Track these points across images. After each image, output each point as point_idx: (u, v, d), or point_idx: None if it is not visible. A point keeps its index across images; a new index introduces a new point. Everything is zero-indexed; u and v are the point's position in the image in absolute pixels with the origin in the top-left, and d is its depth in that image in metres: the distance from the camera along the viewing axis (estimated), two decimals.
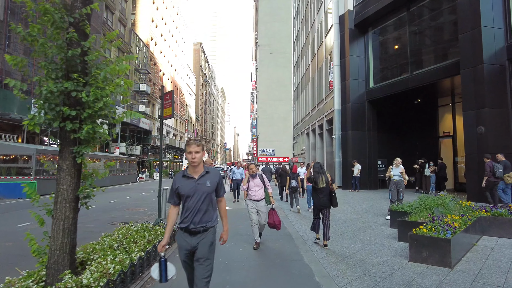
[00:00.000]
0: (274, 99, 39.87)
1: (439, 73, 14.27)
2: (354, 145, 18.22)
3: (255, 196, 6.18)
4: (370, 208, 10.97)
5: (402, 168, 9.01)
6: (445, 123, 17.98)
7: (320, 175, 6.09)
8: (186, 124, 69.22)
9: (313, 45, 27.35)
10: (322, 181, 6.00)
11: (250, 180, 6.29)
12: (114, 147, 32.16)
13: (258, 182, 6.26)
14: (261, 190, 6.23)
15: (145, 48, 45.53)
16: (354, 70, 18.64)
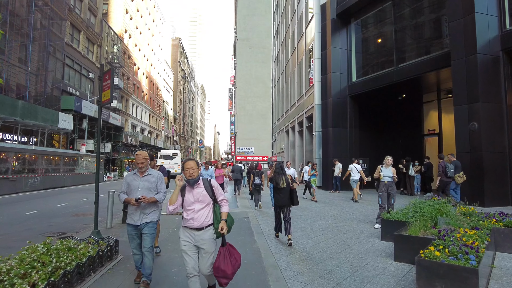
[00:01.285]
0: (253, 95, 38.46)
1: (427, 65, 13.24)
2: (335, 143, 17.05)
3: (193, 222, 3.31)
4: (354, 212, 9.72)
5: (393, 168, 7.77)
6: (430, 121, 17.09)
7: (280, 176, 6.28)
8: (162, 121, 66.80)
9: (293, 38, 26.11)
10: (283, 182, 6.19)
11: (185, 191, 3.41)
12: (81, 143, 29.88)
13: (201, 195, 3.38)
14: (205, 210, 3.35)
15: (119, 41, 43.13)
16: (336, 63, 17.46)
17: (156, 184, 4.12)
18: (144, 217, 4.00)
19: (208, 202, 3.37)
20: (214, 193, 3.42)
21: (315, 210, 10.13)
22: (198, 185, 3.39)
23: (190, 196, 3.34)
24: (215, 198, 3.43)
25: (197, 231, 3.29)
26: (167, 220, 8.45)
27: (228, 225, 3.40)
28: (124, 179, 4.21)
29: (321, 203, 11.92)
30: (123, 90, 43.85)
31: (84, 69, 33.80)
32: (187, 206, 3.33)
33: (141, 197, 3.86)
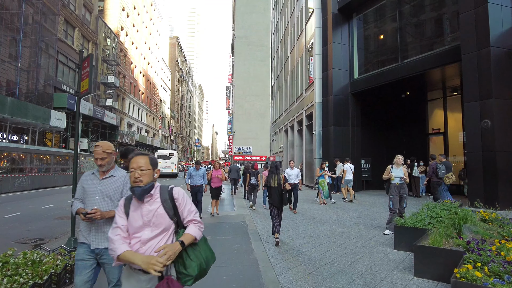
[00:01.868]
0: (251, 94, 37.79)
1: (433, 61, 12.57)
2: (336, 142, 16.39)
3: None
4: (359, 216, 9.05)
5: (404, 168, 7.10)
6: (435, 119, 16.44)
7: (273, 175, 6.33)
8: (160, 120, 66.01)
9: (293, 35, 25.43)
10: (274, 181, 6.24)
11: (131, 207, 2.12)
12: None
13: (154, 214, 2.06)
14: (160, 240, 2.04)
15: (115, 38, 42.36)
16: (337, 59, 16.79)
17: (121, 190, 2.85)
18: (102, 239, 2.72)
19: (166, 226, 2.05)
20: (177, 211, 2.10)
21: (317, 214, 9.46)
22: (150, 198, 2.07)
23: (137, 216, 2.03)
24: (179, 219, 2.10)
25: (144, 275, 1.97)
26: None
27: (200, 264, 2.05)
28: (80, 180, 3.01)
29: (322, 206, 11.25)
30: (119, 88, 43.09)
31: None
32: (132, 233, 2.04)
33: (92, 210, 2.65)
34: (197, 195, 8.91)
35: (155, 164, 2.15)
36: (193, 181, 8.89)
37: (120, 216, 2.08)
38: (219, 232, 7.04)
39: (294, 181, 9.89)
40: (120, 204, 2.13)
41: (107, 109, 37.95)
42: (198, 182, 8.90)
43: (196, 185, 8.89)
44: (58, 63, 29.23)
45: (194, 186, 8.89)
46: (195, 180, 8.88)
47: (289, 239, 6.37)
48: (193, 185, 8.89)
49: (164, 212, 2.05)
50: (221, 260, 5.01)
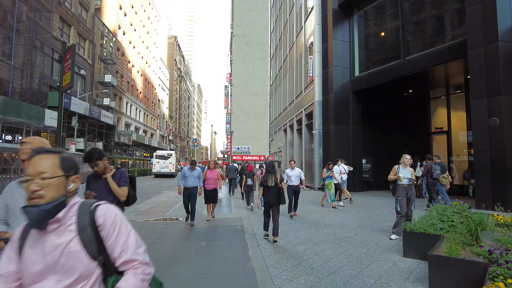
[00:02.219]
0: (249, 93, 37.34)
1: (437, 57, 12.16)
2: (336, 141, 15.97)
3: None
4: (362, 218, 8.63)
5: (411, 169, 6.69)
6: (438, 118, 16.05)
7: (270, 175, 6.39)
8: (158, 120, 65.53)
9: (292, 33, 25.01)
10: (272, 180, 6.29)
11: (26, 241, 1.32)
12: (70, 142, 28.64)
13: (63, 252, 1.26)
14: None
15: (112, 37, 41.89)
16: (338, 56, 16.37)
17: None
18: None
19: (83, 272, 1.27)
20: (103, 246, 1.32)
21: (318, 216, 9.04)
22: (58, 225, 1.30)
23: (36, 256, 1.27)
24: (107, 259, 1.33)
25: None
26: (144, 228, 7.34)
27: None
28: (1, 194, 2.22)
29: (323, 208, 10.83)
30: (117, 87, 42.68)
31: (75, 65, 32.46)
32: (28, 284, 1.26)
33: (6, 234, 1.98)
34: (190, 198, 7.91)
35: (72, 168, 1.37)
36: (187, 182, 7.97)
37: (6, 257, 1.32)
38: (215, 238, 6.61)
39: (295, 183, 8.97)
40: (14, 235, 1.36)
41: (104, 108, 37.50)
42: (192, 184, 7.94)
43: (189, 187, 7.91)
44: (54, 61, 28.76)
45: (188, 188, 7.93)
46: (188, 181, 7.94)
47: (289, 244, 5.94)
48: (186, 187, 7.93)
49: (80, 248, 1.26)
50: (215, 270, 4.59)
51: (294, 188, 9.00)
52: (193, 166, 8.19)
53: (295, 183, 9.00)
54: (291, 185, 8.96)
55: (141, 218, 9.00)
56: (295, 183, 9.00)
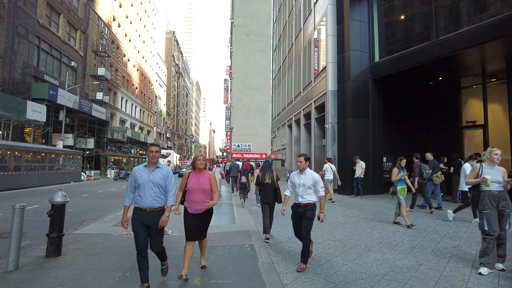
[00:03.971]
0: (250, 87, 35.16)
1: (481, 35, 10.04)
2: (355, 136, 13.88)
3: None
4: (409, 233, 6.52)
5: (503, 168, 4.60)
6: (469, 110, 13.96)
7: (267, 171, 6.30)
8: (155, 117, 63.29)
9: (298, 19, 22.87)
10: (269, 177, 6.20)
11: None
12: (57, 138, 26.46)
13: None
14: None
15: (106, 29, 39.68)
16: (356, 39, 14.27)
17: None
18: None
19: None
20: None
21: (350, 230, 6.94)
22: None
23: None
24: None
25: None
26: None
27: None
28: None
29: (349, 215, 8.73)
30: (111, 82, 40.50)
31: (65, 56, 30.35)
32: None
33: None
34: (149, 234, 3.75)
35: None
36: (141, 199, 3.74)
37: None
38: (213, 270, 4.48)
39: (308, 199, 4.69)
40: None
41: (97, 103, 35.33)
42: (153, 203, 3.73)
43: (149, 209, 3.71)
44: (41, 51, 26.59)
45: (143, 211, 3.71)
46: (146, 196, 3.72)
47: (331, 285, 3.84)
48: (142, 208, 3.72)
49: None
50: None
51: (304, 209, 4.66)
52: (154, 156, 3.80)
53: (308, 199, 4.67)
54: (300, 204, 4.71)
55: (117, 231, 6.88)
56: (308, 199, 4.68)
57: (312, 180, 4.67)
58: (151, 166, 3.84)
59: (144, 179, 3.74)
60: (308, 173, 4.76)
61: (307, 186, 4.67)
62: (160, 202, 3.77)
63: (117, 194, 15.65)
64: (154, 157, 3.79)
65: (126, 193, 3.88)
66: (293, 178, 4.86)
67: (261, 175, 6.26)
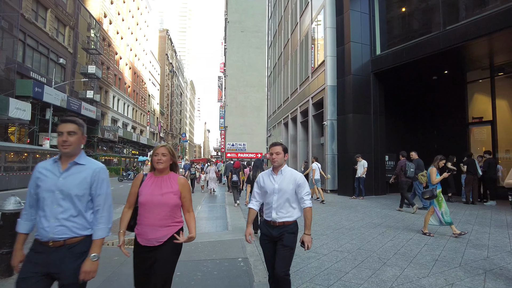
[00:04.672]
0: (245, 85, 34.25)
1: (493, 23, 9.30)
2: (356, 133, 13.08)
3: None
4: (425, 241, 5.72)
5: None
6: (476, 106, 13.25)
7: (258, 170, 6.16)
8: (148, 116, 62.13)
9: (295, 13, 22.04)
10: None
11: None
12: (43, 137, 25.38)
13: None
14: None
15: (97, 25, 38.58)
16: (356, 30, 13.48)
17: None
18: None
19: None
20: None
21: (358, 238, 6.12)
22: None
23: None
24: None
25: None
26: None
27: None
28: None
29: (354, 220, 7.92)
30: (102, 80, 39.42)
31: (53, 53, 29.25)
32: None
33: None
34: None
35: None
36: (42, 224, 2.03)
37: None
38: None
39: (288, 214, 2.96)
40: None
41: (88, 101, 34.27)
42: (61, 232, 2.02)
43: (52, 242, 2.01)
44: (27, 47, 25.49)
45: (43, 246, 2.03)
46: (48, 218, 2.02)
47: None
48: (41, 241, 2.04)
49: None
50: None
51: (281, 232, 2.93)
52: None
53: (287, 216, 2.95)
54: (274, 223, 2.95)
55: None
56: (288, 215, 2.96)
57: (293, 184, 2.91)
58: (64, 162, 2.12)
59: (47, 185, 2.06)
60: (287, 173, 2.99)
61: (286, 194, 2.90)
62: (77, 229, 2.07)
63: None
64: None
65: (22, 210, 2.19)
66: (263, 180, 3.05)
67: (253, 173, 6.21)
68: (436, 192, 6.06)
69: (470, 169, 10.38)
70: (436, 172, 6.30)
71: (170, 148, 2.64)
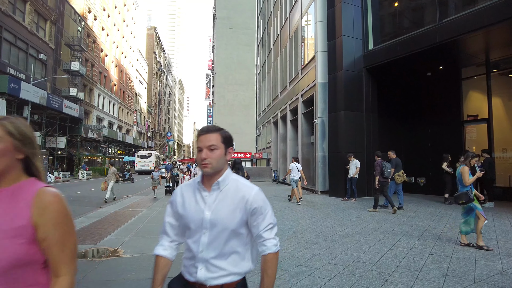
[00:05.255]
0: (234, 83, 33.49)
1: (493, 13, 8.79)
2: (347, 131, 12.49)
3: None
4: (441, 255, 5.09)
5: None
6: (471, 103, 12.80)
7: (239, 172, 6.03)
8: (135, 115, 60.81)
9: (284, 8, 21.40)
10: None
11: None
12: None
13: None
14: None
15: (81, 21, 37.33)
16: (348, 24, 12.89)
17: None
18: None
19: None
20: None
21: (354, 247, 5.46)
22: None
23: None
24: None
25: None
26: None
27: None
28: None
29: (347, 224, 7.28)
30: (86, 77, 38.18)
31: (33, 48, 28.00)
32: None
33: None
34: None
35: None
36: None
37: None
38: None
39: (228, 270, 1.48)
40: None
41: (71, 100, 33.03)
42: None
43: None
44: (3, 41, 24.25)
45: None
46: None
47: None
48: None
49: None
50: None
51: None
52: None
53: (227, 274, 1.47)
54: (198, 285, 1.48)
55: None
56: (227, 271, 1.48)
57: (241, 209, 1.50)
58: None
59: None
60: (231, 187, 1.54)
61: (226, 231, 1.48)
62: None
63: (80, 199, 13.82)
64: None
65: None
66: (182, 201, 1.58)
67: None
68: (472, 195, 5.19)
69: None
70: (469, 171, 5.41)
71: (12, 127, 1.15)
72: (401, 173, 9.53)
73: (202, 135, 1.50)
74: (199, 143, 1.49)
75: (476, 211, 5.17)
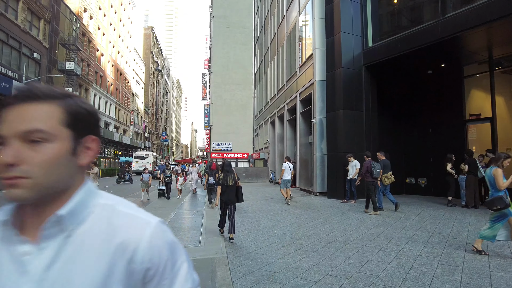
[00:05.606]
0: (231, 82, 33.10)
1: (498, 9, 8.42)
2: (347, 131, 12.10)
3: None
4: (451, 265, 4.70)
5: None
6: (474, 102, 12.43)
7: (229, 174, 6.27)
8: (131, 115, 60.26)
9: (281, 6, 21.01)
10: (231, 179, 6.21)
11: None
12: None
13: None
14: None
15: (76, 20, 36.84)
16: (347, 20, 12.50)
17: None
18: None
19: None
20: None
21: (355, 255, 5.06)
22: None
23: None
24: None
25: None
26: None
27: None
28: None
29: (348, 229, 6.88)
30: (82, 77, 37.69)
31: (26, 47, 27.51)
32: None
33: None
34: None
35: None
36: None
37: None
38: None
39: None
40: None
41: None
42: None
43: None
44: None
45: None
46: None
47: None
48: None
49: None
50: None
51: None
52: None
53: None
54: None
55: None
56: None
57: (119, 281, 0.68)
58: None
59: None
60: (97, 228, 0.70)
61: None
62: None
63: None
64: None
65: None
66: None
67: (223, 177, 6.18)
68: (508, 200, 4.62)
69: (471, 169, 9.50)
70: (502, 174, 4.83)
71: None
72: (389, 174, 9.44)
73: (10, 107, 0.67)
74: (1, 128, 0.67)
75: (510, 218, 4.63)
